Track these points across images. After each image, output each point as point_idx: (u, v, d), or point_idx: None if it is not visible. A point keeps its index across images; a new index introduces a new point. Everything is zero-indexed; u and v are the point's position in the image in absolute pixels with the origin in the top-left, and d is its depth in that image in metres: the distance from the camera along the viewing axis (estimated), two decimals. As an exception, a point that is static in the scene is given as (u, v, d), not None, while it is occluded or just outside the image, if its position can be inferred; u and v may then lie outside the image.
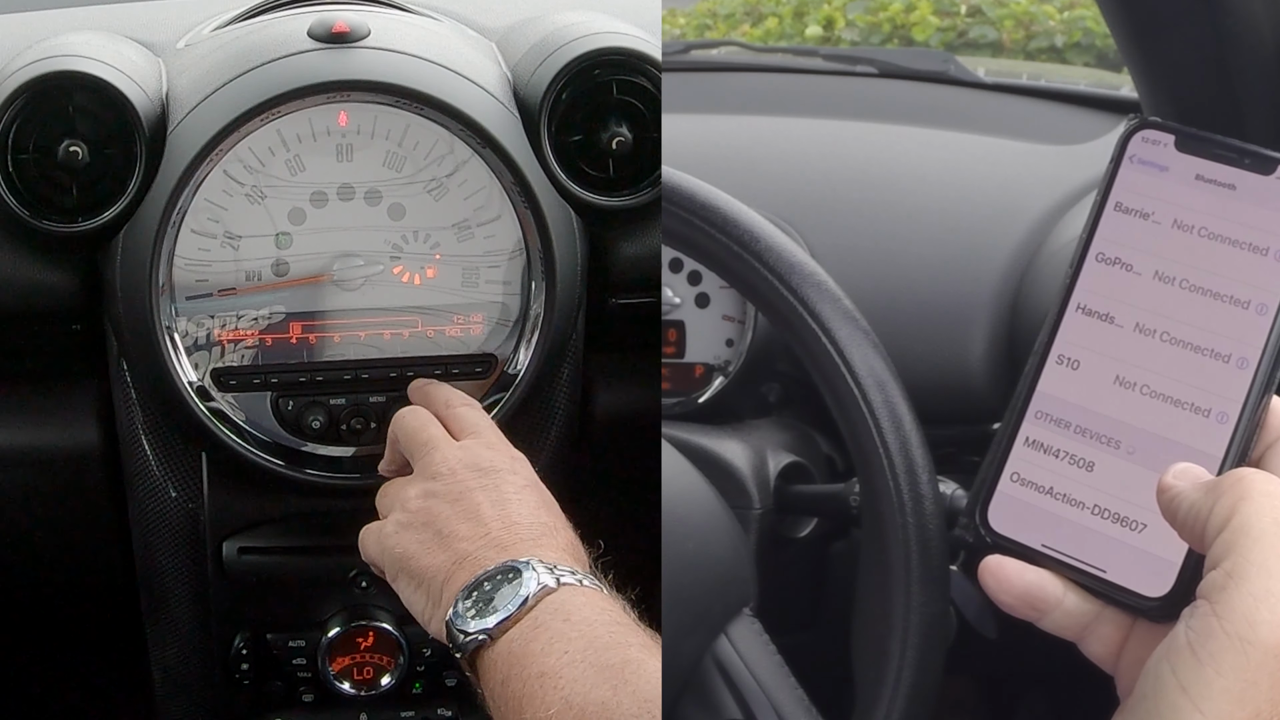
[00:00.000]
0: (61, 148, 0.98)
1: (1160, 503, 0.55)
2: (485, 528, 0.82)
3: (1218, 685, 0.49)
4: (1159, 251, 0.60)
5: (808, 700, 0.90)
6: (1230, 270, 0.58)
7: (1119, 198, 0.61)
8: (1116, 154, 0.61)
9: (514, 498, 0.84)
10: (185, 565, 1.11)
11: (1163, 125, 0.61)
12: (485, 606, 0.77)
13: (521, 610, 0.76)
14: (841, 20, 2.63)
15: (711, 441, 1.16)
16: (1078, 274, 0.61)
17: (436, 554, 0.82)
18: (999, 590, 0.58)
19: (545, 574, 0.77)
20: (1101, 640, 0.58)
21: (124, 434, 1.09)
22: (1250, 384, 0.57)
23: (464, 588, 0.79)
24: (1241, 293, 0.58)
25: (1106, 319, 0.60)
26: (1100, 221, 0.61)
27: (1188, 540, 0.55)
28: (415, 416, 0.92)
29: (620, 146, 1.04)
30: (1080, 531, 0.59)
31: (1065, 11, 2.60)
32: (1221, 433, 0.57)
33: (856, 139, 1.39)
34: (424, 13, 1.14)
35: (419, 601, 0.83)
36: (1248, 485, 0.52)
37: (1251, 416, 0.57)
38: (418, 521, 0.84)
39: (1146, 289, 0.60)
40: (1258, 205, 0.58)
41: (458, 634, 0.78)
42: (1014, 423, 0.61)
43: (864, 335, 0.83)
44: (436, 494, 0.85)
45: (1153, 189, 0.60)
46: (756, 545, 1.12)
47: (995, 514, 0.61)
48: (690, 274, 1.27)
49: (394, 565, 0.85)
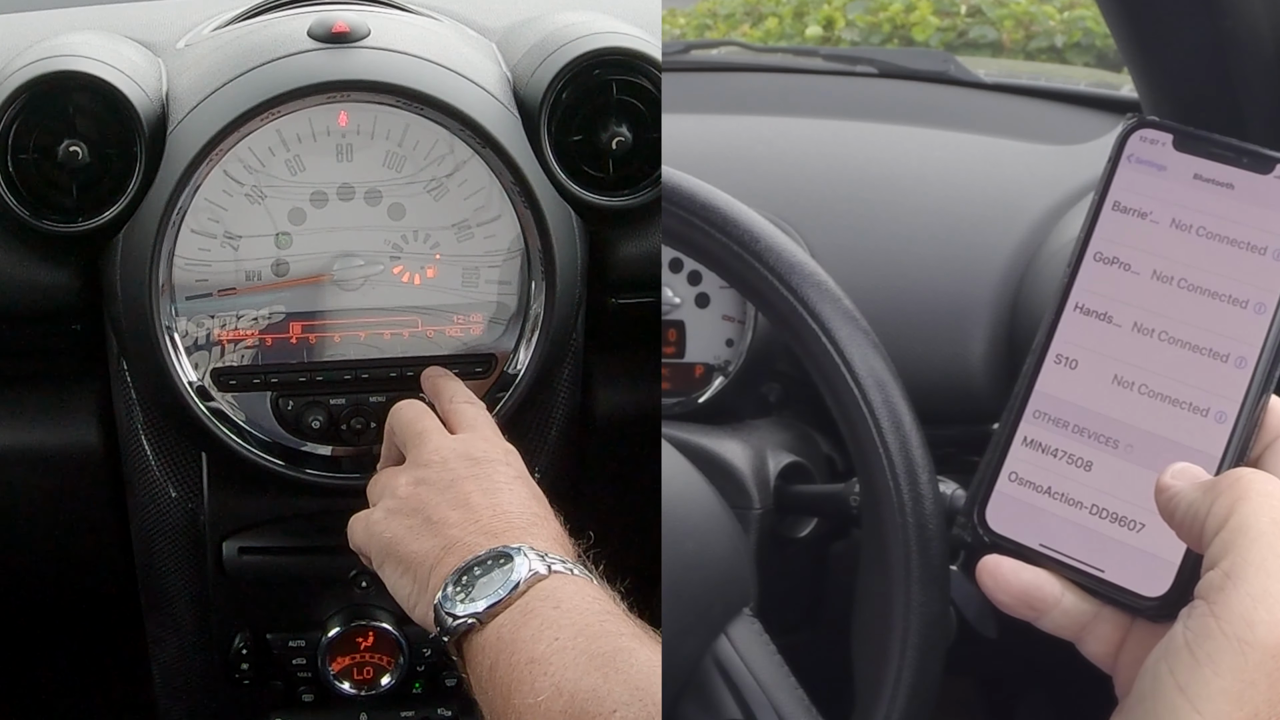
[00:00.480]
0: (61, 148, 0.98)
1: (1158, 502, 0.55)
2: (475, 514, 0.82)
3: (1215, 685, 0.49)
4: (1157, 251, 0.60)
5: (808, 700, 0.90)
6: (1228, 269, 0.58)
7: (1117, 197, 0.61)
8: (1114, 153, 0.61)
9: (505, 487, 0.84)
10: (185, 565, 1.11)
11: (1161, 124, 0.61)
12: (474, 591, 0.77)
13: (512, 595, 0.75)
14: (841, 20, 2.64)
15: (711, 441, 1.16)
16: (1075, 273, 0.61)
17: (425, 539, 0.82)
18: (997, 590, 0.58)
19: (537, 560, 0.77)
20: (1100, 640, 0.58)
21: (124, 434, 1.09)
22: (1249, 383, 0.57)
23: (454, 571, 0.78)
24: (1240, 292, 0.58)
25: (1104, 318, 0.60)
26: (1098, 221, 0.61)
27: (1185, 540, 0.54)
28: (411, 408, 0.92)
29: (620, 146, 1.04)
30: (1078, 531, 0.59)
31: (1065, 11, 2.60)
32: (1220, 432, 0.57)
33: (856, 139, 1.39)
34: (424, 13, 1.14)
35: (405, 586, 0.82)
36: (1246, 485, 0.52)
37: (1250, 416, 0.57)
38: (407, 508, 0.84)
39: (1145, 288, 0.59)
40: (1256, 204, 0.58)
41: (446, 617, 0.77)
42: (1012, 422, 0.61)
43: (864, 335, 0.83)
44: (427, 481, 0.85)
45: (1151, 188, 0.60)
46: (756, 545, 1.12)
47: (993, 513, 0.61)
48: (690, 274, 1.27)
49: (381, 551, 0.84)
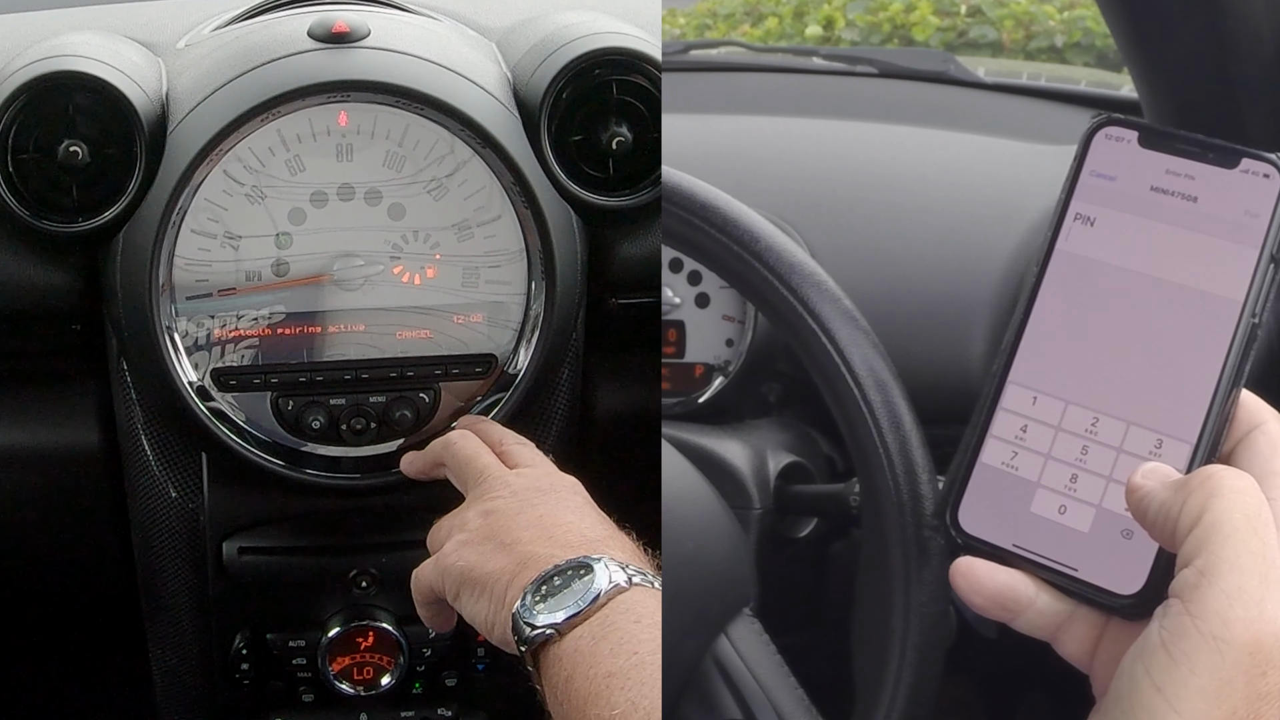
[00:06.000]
0: (61, 148, 0.98)
1: (1130, 502, 0.55)
2: (549, 531, 0.80)
3: (1193, 684, 0.49)
4: (1126, 246, 0.60)
5: (808, 700, 0.90)
6: (1196, 264, 0.58)
7: (1084, 193, 0.61)
8: (1080, 150, 0.61)
9: (576, 511, 0.83)
10: (185, 565, 1.11)
11: (1125, 121, 0.61)
12: (554, 601, 0.74)
13: (593, 607, 0.73)
14: (841, 20, 2.64)
15: (711, 441, 1.16)
16: (1044, 270, 0.61)
17: (499, 558, 0.79)
18: (970, 592, 0.57)
19: (618, 571, 0.75)
20: (1076, 640, 0.58)
21: (124, 434, 1.09)
22: (1219, 378, 0.57)
23: (533, 580, 0.76)
24: (1207, 286, 0.58)
25: (1073, 316, 0.60)
26: (1065, 217, 0.61)
27: (1158, 539, 0.54)
28: (468, 443, 0.91)
29: (620, 146, 1.04)
30: (1051, 530, 0.59)
31: (1065, 11, 2.60)
32: (1191, 427, 0.57)
33: (856, 139, 1.39)
34: (424, 13, 1.14)
35: (482, 610, 0.79)
36: (1218, 482, 0.52)
37: (1221, 410, 0.57)
38: (479, 537, 0.81)
39: (1114, 284, 0.60)
40: (1222, 198, 0.58)
41: (524, 627, 0.74)
42: (982, 423, 0.61)
43: (864, 335, 0.83)
44: (497, 511, 0.83)
45: (1117, 184, 0.60)
46: (756, 545, 1.12)
47: (966, 515, 0.61)
48: (690, 274, 1.27)
49: (455, 581, 0.81)
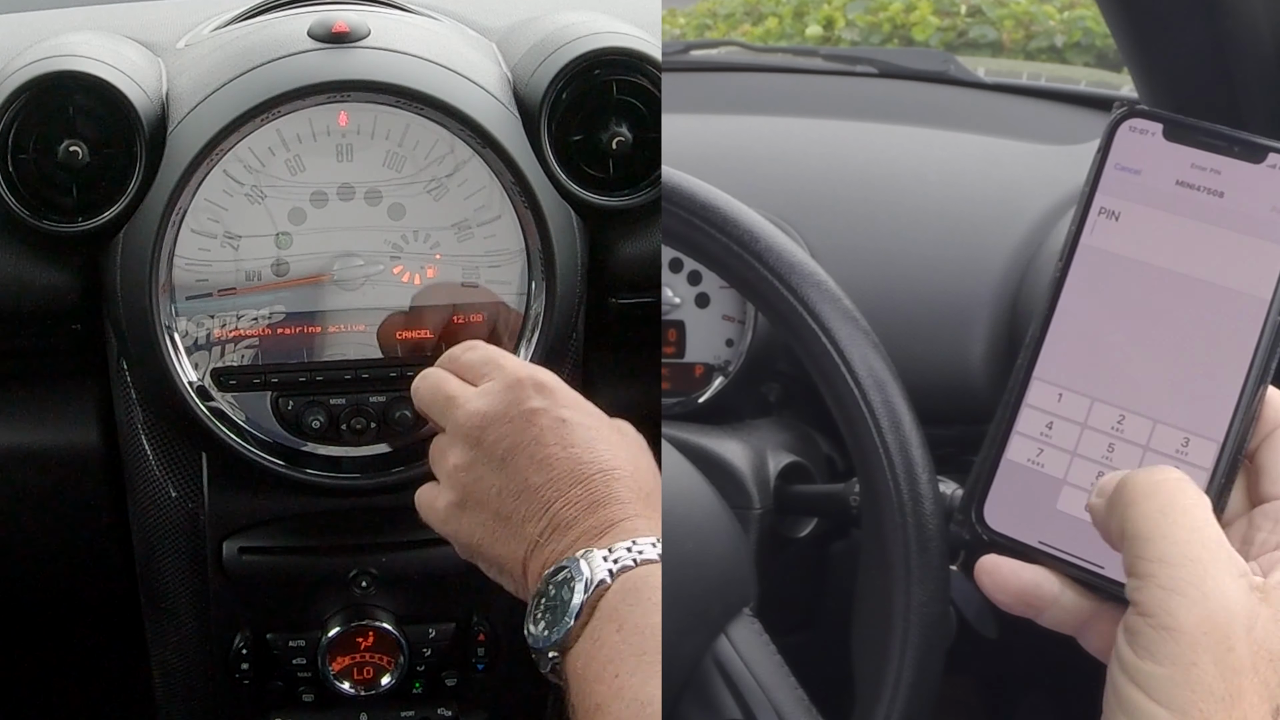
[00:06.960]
0: (61, 148, 0.98)
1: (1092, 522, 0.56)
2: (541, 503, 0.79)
3: (1161, 675, 0.51)
4: (1151, 241, 0.59)
5: (808, 700, 0.90)
6: (1223, 259, 0.58)
7: (1108, 187, 0.60)
8: (1104, 143, 0.60)
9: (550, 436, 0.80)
10: (185, 565, 1.11)
11: (1151, 114, 0.60)
12: (553, 615, 0.75)
13: (579, 624, 0.74)
14: (841, 20, 2.64)
15: (711, 441, 1.16)
16: (1069, 266, 0.61)
17: (506, 542, 0.80)
18: (995, 590, 0.58)
19: (599, 565, 0.74)
20: (1101, 635, 0.58)
21: (124, 434, 1.09)
22: (1246, 375, 0.57)
23: (534, 595, 0.77)
24: (1235, 282, 0.57)
25: (1099, 312, 0.60)
26: (1089, 211, 0.60)
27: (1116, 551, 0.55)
28: (428, 378, 0.88)
29: (620, 146, 1.04)
30: (1077, 527, 0.59)
31: (1065, 11, 2.60)
32: (1218, 424, 0.57)
33: (856, 139, 1.39)
34: (424, 13, 1.14)
35: (508, 583, 0.81)
36: (1130, 490, 0.54)
37: (1248, 408, 0.57)
38: (470, 500, 0.81)
39: (1139, 279, 0.59)
40: (1248, 193, 0.58)
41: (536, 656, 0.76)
42: (1007, 419, 0.61)
43: (864, 335, 0.83)
44: (478, 463, 0.82)
45: (1142, 178, 0.60)
46: (756, 545, 1.12)
47: (991, 511, 0.61)
48: (690, 274, 1.27)
49: (465, 550, 0.83)
